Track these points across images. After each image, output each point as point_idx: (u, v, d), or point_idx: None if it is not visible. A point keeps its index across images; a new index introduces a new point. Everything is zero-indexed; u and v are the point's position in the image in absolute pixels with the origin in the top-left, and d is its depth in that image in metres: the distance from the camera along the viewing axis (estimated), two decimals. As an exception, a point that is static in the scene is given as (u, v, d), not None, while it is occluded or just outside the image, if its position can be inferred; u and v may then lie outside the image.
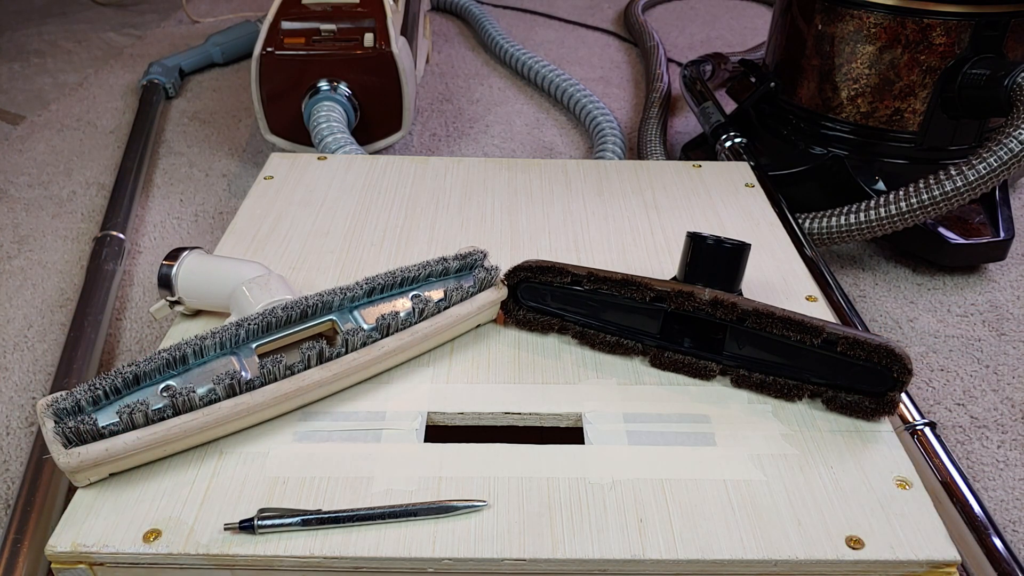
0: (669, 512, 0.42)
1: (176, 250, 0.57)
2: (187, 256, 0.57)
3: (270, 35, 1.03)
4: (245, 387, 0.45)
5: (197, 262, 0.57)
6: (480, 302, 0.54)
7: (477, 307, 0.53)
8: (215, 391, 0.45)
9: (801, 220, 0.86)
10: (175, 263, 0.56)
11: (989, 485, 0.65)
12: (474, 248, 0.56)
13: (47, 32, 1.69)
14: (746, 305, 0.49)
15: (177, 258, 0.57)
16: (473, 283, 0.54)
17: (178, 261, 0.57)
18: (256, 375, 0.46)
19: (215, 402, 0.45)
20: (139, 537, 0.40)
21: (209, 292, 0.56)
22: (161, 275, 0.56)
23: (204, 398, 0.44)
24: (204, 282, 0.56)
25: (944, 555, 0.40)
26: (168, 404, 0.44)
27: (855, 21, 0.87)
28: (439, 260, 0.54)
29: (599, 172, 0.78)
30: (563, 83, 1.30)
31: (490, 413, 0.49)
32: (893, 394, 0.47)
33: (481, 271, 0.54)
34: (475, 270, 0.55)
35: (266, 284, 0.54)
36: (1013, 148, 0.74)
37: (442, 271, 0.54)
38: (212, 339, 0.47)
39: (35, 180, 1.10)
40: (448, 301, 0.52)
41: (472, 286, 0.53)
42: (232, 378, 0.45)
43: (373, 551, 0.40)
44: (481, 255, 0.56)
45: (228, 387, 0.45)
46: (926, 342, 0.80)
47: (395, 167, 0.79)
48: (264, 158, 1.14)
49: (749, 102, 1.03)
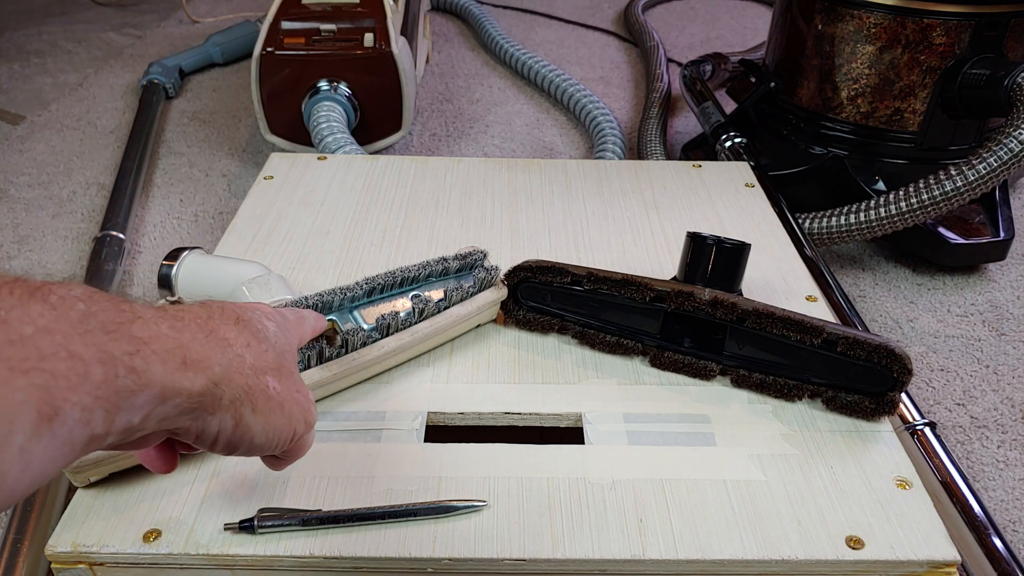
0: (669, 512, 0.42)
1: (176, 250, 0.57)
2: (187, 256, 0.57)
3: (270, 35, 1.03)
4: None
5: (197, 262, 0.57)
6: (480, 302, 0.54)
7: (477, 307, 0.53)
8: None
9: (801, 220, 0.86)
10: (175, 263, 0.56)
11: (989, 485, 0.65)
12: (474, 248, 0.56)
13: (47, 32, 1.69)
14: (746, 305, 0.49)
15: (177, 258, 0.57)
16: (473, 283, 0.54)
17: (178, 261, 0.56)
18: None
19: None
20: (139, 537, 0.40)
21: (209, 292, 0.56)
22: (161, 275, 0.56)
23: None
24: (204, 282, 0.56)
25: (944, 555, 0.40)
26: None
27: (855, 21, 0.87)
28: (439, 260, 0.54)
29: (599, 172, 0.78)
30: (563, 83, 1.30)
31: (490, 413, 0.49)
32: (893, 394, 0.47)
33: (481, 271, 0.54)
34: (475, 270, 0.55)
35: (266, 284, 0.54)
36: (1013, 148, 0.74)
37: (442, 271, 0.54)
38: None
39: (35, 180, 1.10)
40: (448, 301, 0.52)
41: (472, 286, 0.53)
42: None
43: (373, 551, 0.40)
44: (481, 255, 0.56)
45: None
46: (926, 342, 0.80)
47: (395, 167, 0.79)
48: (264, 158, 1.14)
49: (749, 102, 1.03)
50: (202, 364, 0.28)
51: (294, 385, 0.35)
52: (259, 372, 0.32)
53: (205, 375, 0.28)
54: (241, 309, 0.34)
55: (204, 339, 0.30)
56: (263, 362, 0.33)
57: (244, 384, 0.31)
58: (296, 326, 0.40)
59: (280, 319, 0.37)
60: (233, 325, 0.32)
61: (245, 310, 0.34)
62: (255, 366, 0.32)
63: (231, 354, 0.31)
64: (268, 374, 0.33)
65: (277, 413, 0.33)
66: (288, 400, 0.33)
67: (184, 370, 0.27)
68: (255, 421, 0.31)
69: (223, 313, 0.33)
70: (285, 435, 0.33)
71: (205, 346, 0.29)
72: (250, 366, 0.32)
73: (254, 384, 0.31)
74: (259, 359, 0.32)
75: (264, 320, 0.35)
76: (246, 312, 0.34)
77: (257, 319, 0.35)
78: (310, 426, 0.36)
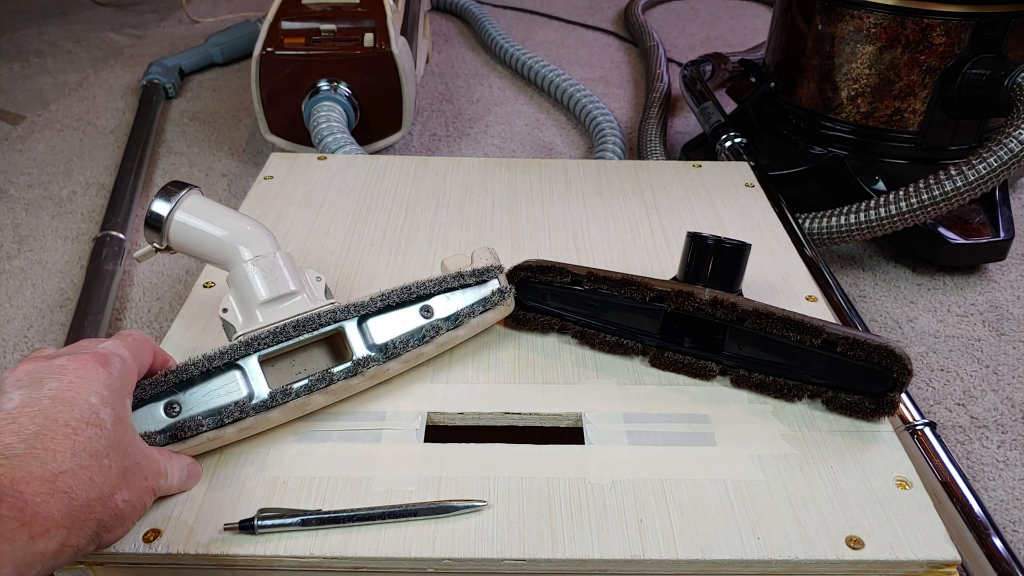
0: (669, 512, 0.42)
1: (172, 184, 0.48)
2: (185, 196, 0.48)
3: (270, 35, 1.03)
4: (251, 411, 0.44)
5: (197, 205, 0.49)
6: (487, 319, 0.53)
7: (483, 323, 0.53)
8: (220, 419, 0.44)
9: (801, 220, 0.86)
10: (171, 203, 0.48)
11: (989, 485, 0.65)
12: (491, 265, 0.54)
13: (47, 32, 1.69)
14: (746, 305, 0.49)
15: (174, 196, 0.48)
16: (485, 305, 0.52)
17: (175, 199, 0.48)
18: (259, 391, 0.45)
19: (219, 426, 0.44)
20: (139, 537, 0.40)
21: (204, 245, 0.49)
22: (152, 214, 0.48)
23: (208, 425, 0.43)
24: (200, 232, 0.49)
25: (944, 555, 0.40)
26: (172, 434, 0.43)
27: (855, 21, 0.87)
28: (456, 276, 0.52)
29: (599, 172, 0.78)
30: (563, 83, 1.30)
31: (490, 413, 0.49)
32: (893, 395, 0.47)
33: (496, 295, 0.53)
34: (488, 288, 0.53)
35: (271, 268, 0.50)
36: (1013, 148, 0.74)
37: (459, 287, 0.52)
38: (220, 360, 0.45)
39: (35, 180, 1.10)
40: (456, 324, 0.51)
41: (483, 308, 0.52)
42: (239, 409, 0.44)
43: (373, 551, 0.40)
44: (497, 270, 0.54)
45: (234, 415, 0.44)
46: (926, 342, 0.80)
47: (395, 167, 0.79)
48: (264, 158, 1.14)
49: (749, 102, 1.03)
50: (51, 532, 0.30)
51: (142, 475, 0.37)
52: (106, 499, 0.34)
53: (56, 539, 0.31)
54: (72, 411, 0.34)
55: (47, 495, 0.31)
56: (108, 486, 0.34)
57: (95, 522, 0.33)
58: (135, 360, 0.41)
59: (116, 382, 0.38)
60: (70, 458, 0.33)
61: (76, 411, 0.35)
62: (101, 496, 0.34)
63: (76, 505, 0.32)
64: (116, 493, 0.34)
65: (130, 518, 0.36)
66: (138, 496, 0.36)
67: (33, 543, 0.30)
68: (111, 536, 0.35)
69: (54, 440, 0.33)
70: (142, 512, 0.37)
71: (51, 504, 0.31)
72: (97, 499, 0.33)
73: (103, 515, 0.34)
74: (104, 486, 0.34)
75: (100, 414, 0.36)
76: (79, 415, 0.35)
77: (93, 422, 0.35)
78: (162, 488, 0.39)
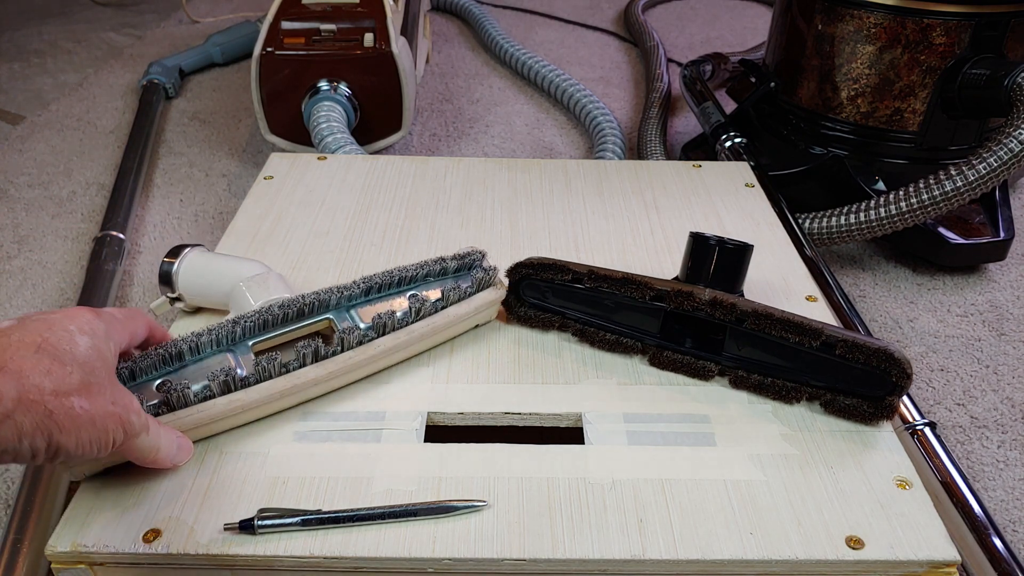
0: (669, 512, 0.42)
1: (178, 247, 0.58)
2: (188, 253, 0.57)
3: (270, 35, 1.03)
4: (240, 384, 0.45)
5: (198, 259, 0.57)
6: (478, 302, 0.53)
7: (475, 307, 0.53)
8: (210, 388, 0.45)
9: (801, 220, 0.86)
10: (176, 260, 0.57)
11: (989, 485, 0.65)
12: (472, 248, 0.56)
13: (47, 32, 1.69)
14: (745, 306, 0.49)
15: (179, 255, 0.57)
16: (471, 283, 0.54)
17: (179, 258, 0.57)
18: (251, 372, 0.46)
19: (210, 399, 0.45)
20: (139, 537, 0.40)
21: (209, 289, 0.56)
22: (162, 271, 0.57)
23: (199, 395, 0.44)
24: (205, 279, 0.56)
25: (944, 555, 0.40)
26: (162, 400, 0.44)
27: (855, 21, 0.87)
28: (437, 260, 0.54)
29: (599, 172, 0.78)
30: (563, 83, 1.30)
31: (490, 413, 0.49)
32: (892, 398, 0.47)
33: (479, 271, 0.54)
34: (473, 270, 0.55)
35: (264, 282, 0.54)
36: (1013, 148, 0.74)
37: (440, 271, 0.54)
38: (208, 336, 0.47)
39: (35, 180, 1.10)
40: (445, 301, 0.52)
41: (470, 286, 0.53)
42: (227, 375, 0.45)
43: (373, 551, 0.40)
44: (479, 255, 0.55)
45: (223, 384, 0.45)
46: (926, 342, 0.80)
47: (395, 167, 0.79)
48: (264, 158, 1.14)
49: (749, 102, 1.03)
50: None
51: (108, 398, 0.38)
52: (61, 395, 0.35)
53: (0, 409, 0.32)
54: (49, 331, 0.37)
55: None
56: (66, 385, 0.36)
57: (44, 410, 0.34)
58: (124, 324, 0.43)
59: (102, 326, 0.40)
60: (32, 354, 0.35)
61: (53, 331, 0.37)
62: (57, 390, 0.35)
63: (27, 384, 0.34)
64: (72, 395, 0.36)
65: (87, 429, 0.36)
66: (100, 414, 0.37)
67: None
68: (66, 439, 0.35)
69: (22, 343, 0.36)
70: (101, 445, 0.37)
71: None
72: (51, 391, 0.35)
73: (56, 407, 0.35)
74: (61, 383, 0.35)
75: (75, 337, 0.38)
76: (53, 333, 0.37)
77: (65, 340, 0.37)
78: (131, 434, 0.39)
